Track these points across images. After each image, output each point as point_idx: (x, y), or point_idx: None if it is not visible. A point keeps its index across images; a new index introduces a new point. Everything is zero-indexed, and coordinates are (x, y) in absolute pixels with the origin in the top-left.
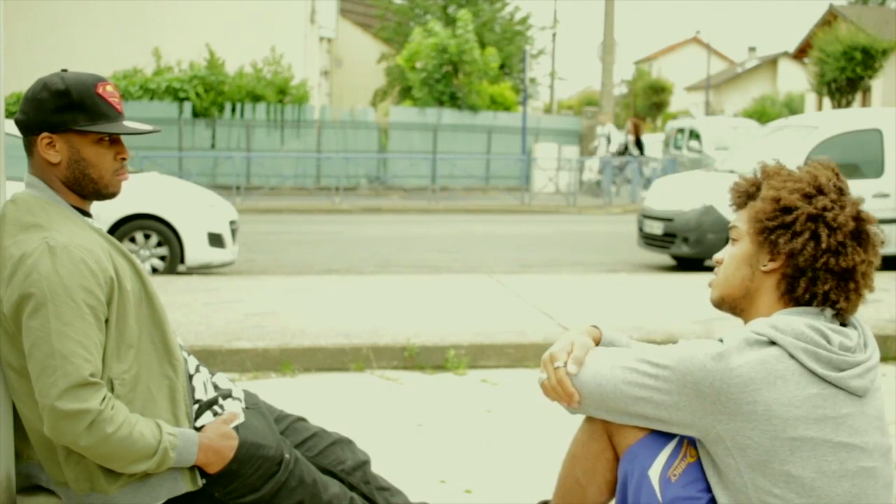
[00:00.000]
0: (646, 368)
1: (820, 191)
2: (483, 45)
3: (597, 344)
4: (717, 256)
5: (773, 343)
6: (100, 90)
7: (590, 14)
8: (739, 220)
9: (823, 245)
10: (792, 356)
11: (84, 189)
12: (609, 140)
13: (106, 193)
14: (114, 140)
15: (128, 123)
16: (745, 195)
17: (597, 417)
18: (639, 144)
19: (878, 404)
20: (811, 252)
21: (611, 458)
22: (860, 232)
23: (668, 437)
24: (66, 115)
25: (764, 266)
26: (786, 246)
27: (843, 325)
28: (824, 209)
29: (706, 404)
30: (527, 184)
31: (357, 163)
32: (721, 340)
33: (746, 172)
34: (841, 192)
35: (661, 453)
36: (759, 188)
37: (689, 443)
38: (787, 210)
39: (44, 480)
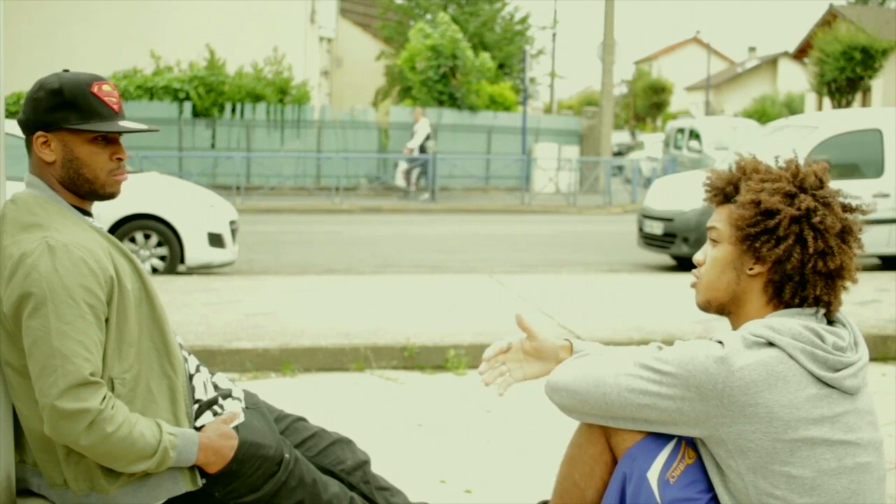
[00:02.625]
0: (648, 375)
1: (802, 187)
2: (476, 50)
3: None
4: (698, 257)
5: (771, 344)
6: (94, 89)
7: (590, 14)
8: (719, 221)
9: (811, 249)
10: (791, 357)
11: (80, 189)
12: (420, 138)
13: (103, 194)
14: (110, 140)
15: (123, 122)
16: (722, 192)
17: (599, 424)
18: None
19: (869, 400)
20: (798, 257)
21: (609, 460)
22: (846, 230)
23: (666, 438)
24: (58, 113)
25: (749, 270)
26: (771, 252)
27: (831, 322)
28: (808, 210)
29: (709, 407)
30: (527, 184)
31: (357, 163)
32: (721, 343)
33: (721, 167)
34: (822, 184)
35: (660, 455)
36: (736, 186)
37: (687, 444)
38: (769, 214)
39: (35, 485)
